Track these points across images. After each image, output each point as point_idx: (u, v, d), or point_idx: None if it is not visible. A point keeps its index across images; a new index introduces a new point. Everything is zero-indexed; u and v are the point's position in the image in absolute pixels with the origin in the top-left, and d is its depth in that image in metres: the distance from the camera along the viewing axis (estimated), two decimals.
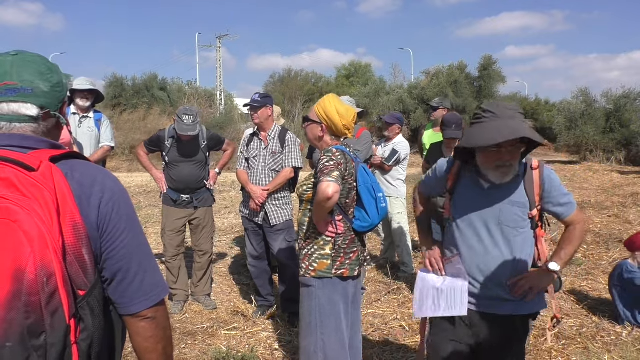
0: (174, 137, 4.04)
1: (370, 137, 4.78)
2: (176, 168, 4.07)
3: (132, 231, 1.12)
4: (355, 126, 4.44)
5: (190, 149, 4.07)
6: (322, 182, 2.29)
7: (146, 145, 4.22)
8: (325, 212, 2.40)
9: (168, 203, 4.15)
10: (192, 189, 4.12)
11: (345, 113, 2.51)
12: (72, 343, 0.97)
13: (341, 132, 2.55)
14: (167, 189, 4.12)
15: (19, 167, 0.97)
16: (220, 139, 4.37)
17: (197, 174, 4.12)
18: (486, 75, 23.41)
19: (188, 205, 4.14)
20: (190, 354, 3.41)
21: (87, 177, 1.08)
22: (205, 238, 4.27)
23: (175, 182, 4.08)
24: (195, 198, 4.15)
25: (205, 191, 4.22)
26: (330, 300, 2.49)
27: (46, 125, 1.13)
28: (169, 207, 4.14)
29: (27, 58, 1.12)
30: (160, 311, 1.15)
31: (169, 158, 4.08)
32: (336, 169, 2.34)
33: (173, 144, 4.06)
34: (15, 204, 0.93)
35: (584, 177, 14.14)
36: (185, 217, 4.17)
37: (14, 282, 0.90)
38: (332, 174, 2.30)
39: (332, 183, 2.27)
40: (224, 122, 20.31)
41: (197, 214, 4.19)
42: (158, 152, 4.20)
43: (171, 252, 4.17)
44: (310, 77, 42.78)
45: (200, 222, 4.22)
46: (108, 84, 25.49)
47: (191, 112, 3.92)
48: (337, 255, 2.49)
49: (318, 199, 2.32)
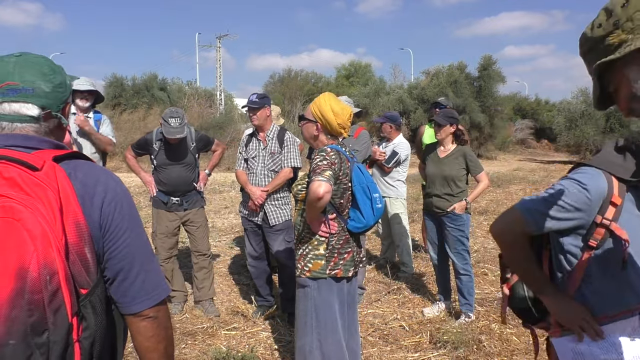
0: (161, 139, 3.99)
1: (368, 137, 4.78)
2: (165, 171, 4.03)
3: (134, 231, 1.13)
4: (354, 126, 4.46)
5: (179, 152, 4.02)
6: (313, 181, 2.29)
7: (134, 148, 4.17)
8: (317, 211, 2.39)
9: (158, 206, 4.12)
10: (182, 192, 4.08)
11: (340, 112, 2.49)
12: (74, 341, 0.97)
13: (336, 131, 2.53)
14: (157, 191, 4.09)
15: (22, 166, 0.98)
16: (209, 139, 4.33)
17: (187, 176, 4.08)
18: (486, 75, 23.39)
19: (178, 208, 4.11)
20: (190, 354, 3.41)
21: (90, 177, 1.09)
22: (201, 239, 4.23)
23: (165, 185, 4.05)
24: (185, 200, 4.11)
25: (195, 193, 4.18)
26: (325, 301, 2.49)
27: (48, 126, 1.13)
28: (159, 210, 4.12)
29: (30, 59, 1.13)
30: (161, 311, 1.16)
31: (157, 161, 4.04)
32: (329, 169, 2.33)
33: (161, 147, 4.01)
34: (19, 203, 0.94)
35: None
36: (177, 219, 4.13)
37: (17, 280, 0.91)
38: (324, 174, 2.30)
39: (323, 183, 2.26)
40: (224, 122, 20.31)
41: (189, 216, 4.15)
42: (146, 155, 4.16)
43: (163, 255, 4.11)
44: (310, 77, 42.78)
45: (194, 223, 4.18)
46: (108, 84, 25.48)
47: (177, 115, 3.86)
48: (331, 256, 2.48)
49: (309, 198, 2.32)
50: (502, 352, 3.38)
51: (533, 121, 31.63)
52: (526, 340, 3.54)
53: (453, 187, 3.84)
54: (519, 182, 12.82)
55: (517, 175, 14.56)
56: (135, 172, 4.22)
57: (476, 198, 3.90)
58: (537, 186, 11.94)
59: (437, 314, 4.05)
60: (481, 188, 3.89)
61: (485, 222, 7.67)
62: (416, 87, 24.63)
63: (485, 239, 6.63)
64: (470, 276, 3.88)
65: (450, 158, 3.88)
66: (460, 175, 3.84)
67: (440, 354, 3.39)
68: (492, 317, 3.94)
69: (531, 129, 30.84)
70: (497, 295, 4.43)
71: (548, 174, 15.10)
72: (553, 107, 29.42)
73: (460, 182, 3.84)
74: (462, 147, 3.90)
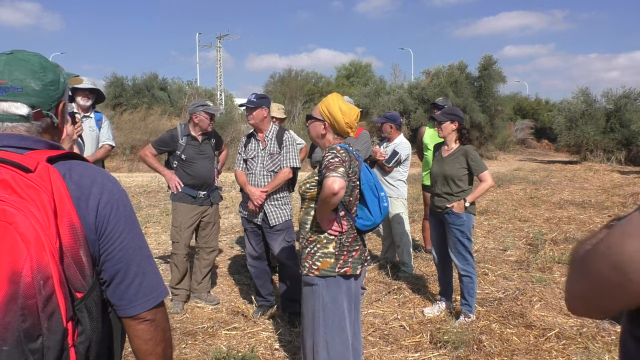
0: (188, 134, 4.13)
1: (369, 137, 4.77)
2: (194, 165, 4.12)
3: (131, 233, 1.11)
4: None
5: (205, 146, 4.20)
6: (328, 177, 2.29)
7: (155, 146, 4.23)
8: (330, 208, 2.39)
9: (185, 200, 4.16)
10: (208, 185, 4.21)
11: (348, 111, 2.53)
12: (69, 346, 0.96)
13: (343, 131, 2.56)
14: (184, 186, 4.14)
15: (15, 168, 0.96)
16: (221, 139, 4.49)
17: (212, 170, 4.24)
18: (486, 75, 23.37)
19: (204, 202, 4.20)
20: (191, 354, 3.41)
21: (85, 178, 1.07)
22: (214, 235, 4.36)
23: (194, 178, 4.13)
24: (210, 194, 4.23)
25: (215, 188, 4.31)
26: (333, 300, 2.48)
27: (40, 125, 1.11)
28: (185, 205, 4.16)
29: (21, 57, 1.10)
30: (159, 313, 1.15)
31: (185, 155, 4.12)
32: (341, 165, 2.34)
33: (189, 142, 4.14)
34: (11, 206, 0.92)
35: (584, 177, 14.15)
36: (199, 214, 4.20)
37: (10, 285, 0.89)
38: (338, 170, 2.31)
39: (338, 178, 2.27)
40: (224, 122, 20.26)
41: (209, 210, 4.25)
42: (166, 152, 4.23)
43: (185, 250, 4.21)
44: (311, 77, 42.77)
45: (211, 218, 4.28)
46: (108, 84, 25.46)
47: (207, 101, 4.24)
48: (341, 254, 2.49)
49: (324, 194, 2.32)
50: (503, 352, 3.37)
51: (533, 121, 31.65)
52: (526, 340, 3.53)
53: (453, 187, 3.81)
54: (520, 182, 12.81)
55: (517, 175, 14.55)
56: (157, 169, 4.28)
57: (477, 198, 3.84)
58: (537, 186, 11.94)
59: (438, 313, 4.04)
60: (482, 188, 3.82)
61: (485, 222, 7.65)
62: (416, 87, 24.60)
63: (485, 239, 6.62)
64: (471, 277, 3.84)
65: (452, 157, 3.85)
66: (460, 174, 3.80)
67: (440, 354, 3.38)
68: (492, 317, 3.93)
69: (531, 128, 30.85)
70: (497, 295, 4.42)
71: (548, 173, 15.08)
72: (553, 107, 29.38)
73: (460, 182, 3.81)
74: (464, 147, 3.85)
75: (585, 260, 0.83)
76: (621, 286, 0.75)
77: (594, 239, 0.85)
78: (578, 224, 7.47)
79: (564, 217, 8.01)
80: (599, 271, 0.79)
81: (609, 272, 0.77)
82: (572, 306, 0.88)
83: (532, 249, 5.97)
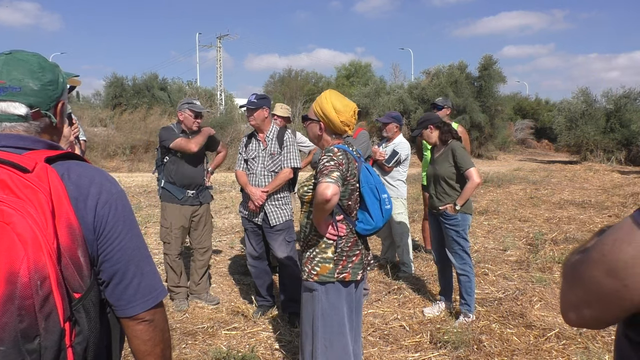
0: (184, 131, 4.13)
1: (367, 137, 4.77)
2: (182, 164, 4.10)
3: (129, 233, 1.11)
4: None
5: None
6: (321, 183, 2.21)
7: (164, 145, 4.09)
8: (325, 213, 2.31)
9: (172, 200, 4.14)
10: (197, 185, 4.19)
11: (343, 109, 2.40)
12: (67, 346, 0.96)
13: (340, 129, 2.44)
14: (171, 185, 4.13)
15: (13, 168, 0.96)
16: (216, 139, 4.44)
17: (201, 169, 4.22)
18: (486, 75, 23.37)
19: (194, 201, 4.18)
20: (191, 354, 3.41)
21: (84, 178, 1.07)
22: (207, 234, 4.34)
23: (183, 177, 4.11)
24: (199, 194, 4.21)
25: (205, 188, 4.29)
26: (333, 306, 2.42)
27: (39, 125, 1.11)
28: (173, 205, 4.14)
29: (19, 57, 1.10)
30: (158, 313, 1.14)
31: (173, 153, 4.10)
32: (337, 170, 2.25)
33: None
34: (9, 206, 0.92)
35: (584, 177, 14.14)
36: (189, 213, 4.19)
37: (7, 285, 0.89)
38: (332, 175, 2.22)
39: (331, 184, 2.18)
40: (225, 122, 20.25)
41: (200, 210, 4.24)
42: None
43: (177, 250, 4.20)
44: (311, 77, 42.79)
45: (202, 218, 4.27)
46: (108, 84, 25.48)
47: (196, 100, 4.25)
48: (340, 259, 2.41)
49: (317, 200, 2.24)
50: (503, 352, 3.37)
51: (533, 121, 31.64)
52: (526, 340, 3.53)
53: (445, 186, 3.81)
54: (520, 182, 12.80)
55: (517, 175, 14.55)
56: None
57: (466, 199, 3.70)
58: (537, 186, 11.93)
59: (438, 313, 4.04)
60: (468, 187, 3.67)
61: (485, 222, 7.65)
62: (416, 87, 24.58)
63: (485, 239, 6.61)
64: (468, 277, 3.83)
65: (442, 157, 3.86)
66: (449, 173, 3.76)
67: (440, 354, 3.38)
68: (492, 317, 3.92)
69: (531, 128, 30.84)
70: (497, 295, 4.41)
71: (548, 174, 15.07)
72: (553, 107, 29.38)
73: (451, 181, 3.77)
74: (451, 144, 3.80)
75: (578, 268, 0.82)
76: (617, 293, 0.75)
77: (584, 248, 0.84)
78: (578, 224, 7.47)
79: (564, 217, 8.01)
80: (594, 279, 0.78)
81: (603, 279, 0.76)
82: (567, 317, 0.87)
83: (532, 249, 5.97)
